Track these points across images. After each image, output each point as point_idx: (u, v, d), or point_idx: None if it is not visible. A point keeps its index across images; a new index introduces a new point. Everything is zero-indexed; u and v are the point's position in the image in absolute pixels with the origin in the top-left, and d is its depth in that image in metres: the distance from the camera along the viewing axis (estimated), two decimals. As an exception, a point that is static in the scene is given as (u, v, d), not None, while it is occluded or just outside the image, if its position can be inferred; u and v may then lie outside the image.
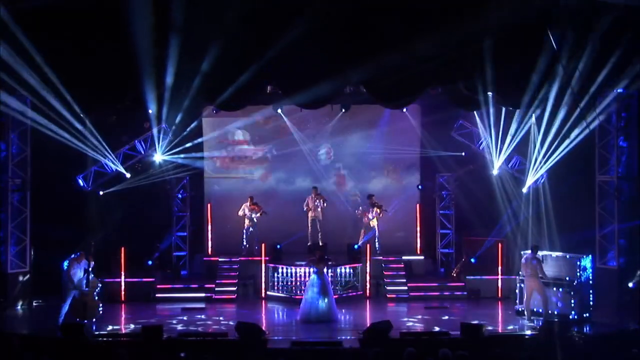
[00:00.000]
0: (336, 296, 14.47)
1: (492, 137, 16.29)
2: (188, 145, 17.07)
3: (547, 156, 15.26)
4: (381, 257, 16.68)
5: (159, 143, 16.58)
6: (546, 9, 11.50)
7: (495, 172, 16.63)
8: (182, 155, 17.10)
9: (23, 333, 12.33)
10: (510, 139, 15.93)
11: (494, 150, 16.22)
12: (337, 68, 12.52)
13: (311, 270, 14.15)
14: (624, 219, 15.12)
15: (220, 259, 16.81)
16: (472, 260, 16.48)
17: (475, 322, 12.88)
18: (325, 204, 17.31)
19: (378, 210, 16.98)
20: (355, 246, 16.58)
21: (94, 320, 13.22)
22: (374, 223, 17.05)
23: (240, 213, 17.09)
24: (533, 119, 15.23)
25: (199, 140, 17.49)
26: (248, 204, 17.10)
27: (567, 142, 14.64)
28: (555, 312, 13.42)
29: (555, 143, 14.84)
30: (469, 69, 12.55)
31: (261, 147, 18.34)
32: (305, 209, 17.30)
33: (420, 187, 18.16)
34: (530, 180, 15.90)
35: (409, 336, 10.90)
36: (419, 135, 18.15)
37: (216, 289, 15.96)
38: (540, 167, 15.55)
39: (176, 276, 16.93)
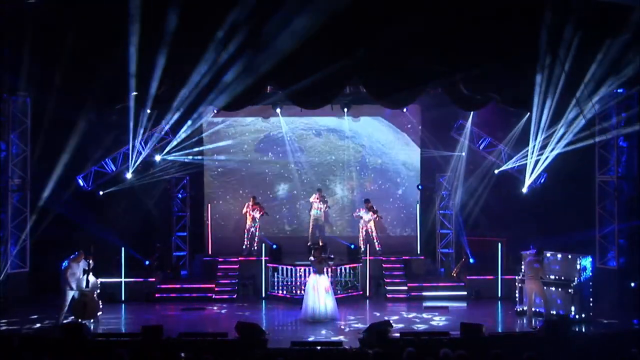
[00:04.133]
0: (336, 296, 14.47)
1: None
2: (189, 142, 17.08)
3: (545, 155, 15.23)
4: (381, 257, 16.69)
5: (159, 143, 16.62)
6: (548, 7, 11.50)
7: (497, 171, 16.69)
8: (183, 152, 17.11)
9: (23, 333, 12.33)
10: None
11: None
12: (337, 68, 12.52)
13: (311, 269, 14.16)
14: (624, 219, 15.12)
15: (220, 259, 16.82)
16: (471, 260, 16.49)
17: (475, 322, 12.93)
18: (327, 207, 17.36)
19: (374, 215, 16.98)
20: (352, 245, 16.59)
21: (94, 320, 13.23)
22: (370, 224, 17.04)
23: (244, 210, 17.13)
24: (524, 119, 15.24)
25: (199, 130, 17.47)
26: (250, 203, 17.13)
27: (566, 139, 14.60)
28: (556, 312, 13.43)
29: (554, 142, 14.82)
30: (469, 69, 12.55)
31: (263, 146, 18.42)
32: (310, 202, 17.39)
33: (420, 187, 18.15)
34: (529, 180, 15.87)
35: (409, 336, 10.88)
36: (419, 135, 18.17)
37: (216, 289, 15.96)
38: (539, 167, 15.51)
39: (176, 276, 16.92)
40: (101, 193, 16.24)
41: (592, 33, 11.79)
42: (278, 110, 17.29)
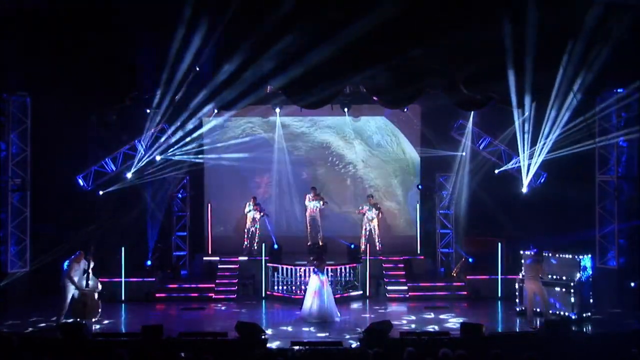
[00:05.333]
0: (336, 296, 14.48)
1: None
2: (189, 142, 17.09)
3: (534, 158, 15.22)
4: (381, 257, 16.69)
5: (159, 143, 16.61)
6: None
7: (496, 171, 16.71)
8: (184, 151, 17.12)
9: (23, 333, 12.32)
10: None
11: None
12: (338, 68, 12.52)
13: (311, 269, 14.17)
14: (624, 219, 15.13)
15: (220, 259, 16.82)
16: (470, 260, 16.49)
17: (475, 322, 12.94)
18: (323, 205, 17.34)
19: (377, 212, 16.99)
20: (352, 245, 16.61)
21: (94, 320, 13.23)
22: (373, 223, 17.06)
23: (245, 210, 17.14)
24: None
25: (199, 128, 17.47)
26: (251, 203, 17.13)
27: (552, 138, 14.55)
28: (556, 312, 13.43)
29: (546, 140, 14.78)
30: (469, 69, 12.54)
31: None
32: (305, 205, 17.39)
33: (420, 187, 18.15)
34: (526, 179, 15.83)
35: (409, 336, 10.88)
36: (419, 135, 18.18)
37: (216, 289, 15.97)
38: (533, 167, 15.49)
39: (176, 276, 16.92)
40: (101, 193, 16.22)
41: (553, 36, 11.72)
42: (277, 110, 17.30)
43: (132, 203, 16.66)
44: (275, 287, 15.91)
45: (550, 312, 13.29)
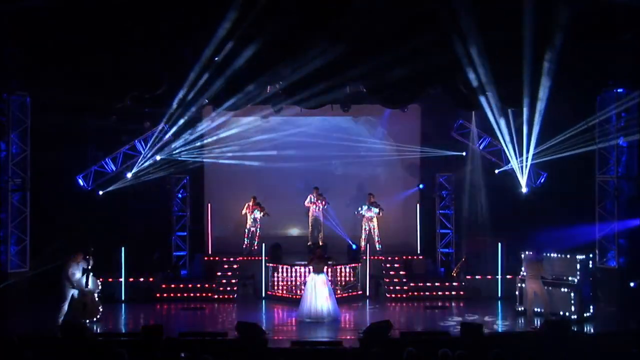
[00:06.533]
0: (336, 296, 14.47)
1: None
2: (189, 142, 17.09)
3: (525, 157, 15.20)
4: (381, 257, 16.69)
5: (159, 143, 16.61)
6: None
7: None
8: (184, 151, 17.11)
9: (23, 333, 12.32)
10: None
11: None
12: (337, 68, 12.52)
13: (310, 269, 14.16)
14: (624, 219, 15.11)
15: (220, 259, 16.82)
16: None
17: (475, 320, 12.95)
18: (326, 205, 17.33)
19: (377, 210, 16.99)
20: (354, 246, 16.60)
21: (94, 320, 13.23)
22: (373, 223, 17.06)
23: (243, 212, 17.12)
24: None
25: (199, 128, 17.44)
26: (251, 203, 17.13)
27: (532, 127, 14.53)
28: (556, 312, 13.43)
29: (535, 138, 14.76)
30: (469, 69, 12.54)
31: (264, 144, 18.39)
32: (306, 207, 17.36)
33: (420, 186, 18.15)
34: (523, 180, 15.80)
35: (409, 336, 10.89)
36: (419, 135, 18.18)
37: (216, 289, 15.97)
38: (524, 168, 15.48)
39: (176, 276, 16.93)
40: (101, 193, 16.21)
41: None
42: (278, 110, 17.27)
43: (132, 203, 16.67)
44: (275, 287, 15.91)
45: (551, 312, 13.30)
